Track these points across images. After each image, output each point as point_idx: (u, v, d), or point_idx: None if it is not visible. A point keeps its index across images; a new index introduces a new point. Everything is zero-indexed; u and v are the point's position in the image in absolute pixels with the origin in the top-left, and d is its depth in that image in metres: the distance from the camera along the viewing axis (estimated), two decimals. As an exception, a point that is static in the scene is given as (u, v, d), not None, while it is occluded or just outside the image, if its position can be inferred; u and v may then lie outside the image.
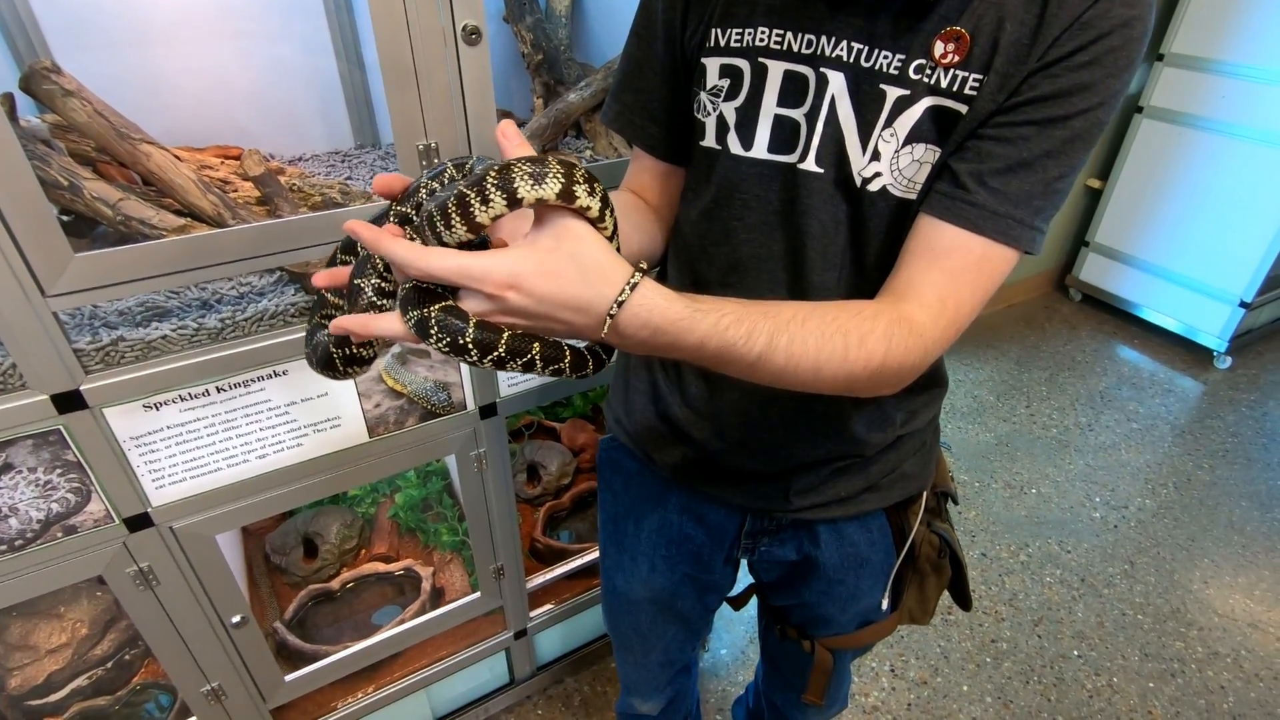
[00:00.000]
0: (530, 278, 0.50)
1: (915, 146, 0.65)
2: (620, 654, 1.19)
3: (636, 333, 0.54)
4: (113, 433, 0.92)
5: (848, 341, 0.59)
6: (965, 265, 0.63)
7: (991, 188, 0.61)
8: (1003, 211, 0.61)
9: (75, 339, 0.88)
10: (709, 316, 0.55)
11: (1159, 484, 2.47)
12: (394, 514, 1.74)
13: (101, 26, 1.21)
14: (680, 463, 0.90)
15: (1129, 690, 1.81)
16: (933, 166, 0.65)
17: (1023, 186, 0.61)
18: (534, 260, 0.51)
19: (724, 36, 0.72)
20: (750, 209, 0.74)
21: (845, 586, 0.94)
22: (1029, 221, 0.62)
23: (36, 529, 0.93)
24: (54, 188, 0.95)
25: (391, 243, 0.50)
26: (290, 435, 1.06)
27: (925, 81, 0.63)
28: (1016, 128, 0.60)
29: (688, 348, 0.56)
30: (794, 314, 0.59)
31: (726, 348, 0.56)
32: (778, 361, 0.57)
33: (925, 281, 0.63)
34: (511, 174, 0.49)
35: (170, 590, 1.07)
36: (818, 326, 0.59)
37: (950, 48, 0.61)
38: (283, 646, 1.44)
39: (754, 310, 0.57)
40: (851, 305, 0.62)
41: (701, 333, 0.55)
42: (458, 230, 0.51)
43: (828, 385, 0.61)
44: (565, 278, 0.51)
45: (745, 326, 0.56)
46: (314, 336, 0.65)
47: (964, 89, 0.61)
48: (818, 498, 0.87)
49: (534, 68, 1.43)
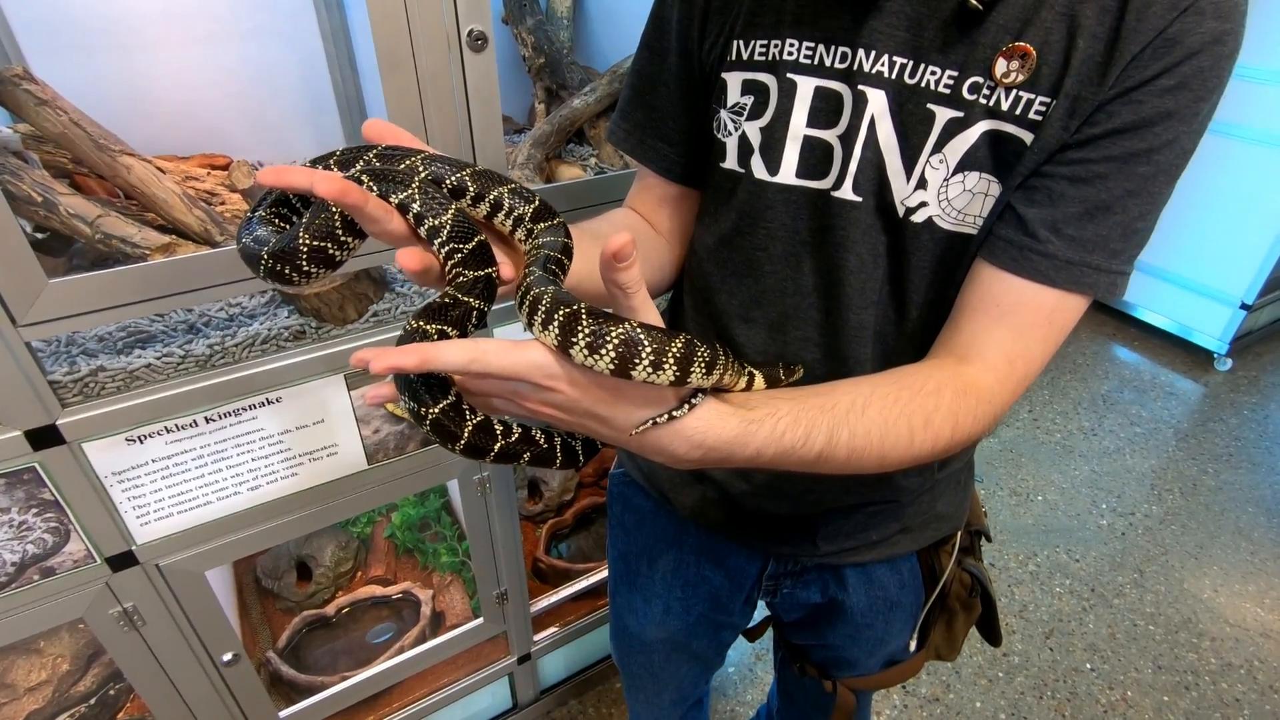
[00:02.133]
0: (586, 385, 0.47)
1: (968, 175, 0.58)
2: (631, 692, 1.13)
3: (688, 453, 0.50)
4: (93, 468, 0.86)
5: (912, 425, 0.55)
6: (1035, 321, 0.58)
7: (1067, 235, 0.55)
8: (1078, 260, 0.56)
9: (51, 369, 0.81)
10: (764, 426, 0.51)
11: (1164, 489, 2.44)
12: (391, 534, 1.67)
13: (75, 29, 1.14)
14: (698, 504, 0.84)
15: (1144, 704, 1.77)
16: (993, 202, 0.58)
17: (1100, 231, 0.55)
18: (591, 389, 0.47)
19: (747, 49, 0.64)
20: (776, 239, 0.68)
21: (874, 631, 0.88)
22: (1107, 267, 0.56)
23: (11, 572, 0.87)
24: (27, 204, 0.88)
25: (446, 350, 0.43)
26: (284, 465, 1.00)
27: (983, 103, 0.56)
28: (1093, 164, 0.54)
29: (742, 460, 0.52)
30: (851, 402, 0.54)
31: (784, 453, 0.53)
32: (839, 457, 0.54)
33: (990, 341, 0.58)
34: (693, 355, 0.44)
35: (157, 630, 1.00)
36: (879, 413, 0.54)
37: (1014, 66, 0.54)
38: (276, 678, 1.37)
39: (810, 406, 0.53)
40: (911, 379, 0.57)
41: (758, 444, 0.52)
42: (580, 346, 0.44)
43: (894, 468, 0.57)
44: (622, 391, 0.47)
45: (802, 428, 0.52)
46: (253, 229, 0.52)
47: (1028, 112, 0.54)
48: (848, 542, 0.81)
49: (535, 71, 1.37)
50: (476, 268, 0.50)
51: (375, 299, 1.01)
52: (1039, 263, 0.56)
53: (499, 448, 0.49)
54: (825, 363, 0.70)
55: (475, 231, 0.51)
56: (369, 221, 0.49)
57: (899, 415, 0.54)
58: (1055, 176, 0.55)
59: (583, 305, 0.43)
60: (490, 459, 0.49)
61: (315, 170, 0.48)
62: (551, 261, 0.50)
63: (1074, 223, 0.55)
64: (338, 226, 0.50)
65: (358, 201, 0.47)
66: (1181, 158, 0.53)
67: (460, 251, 0.50)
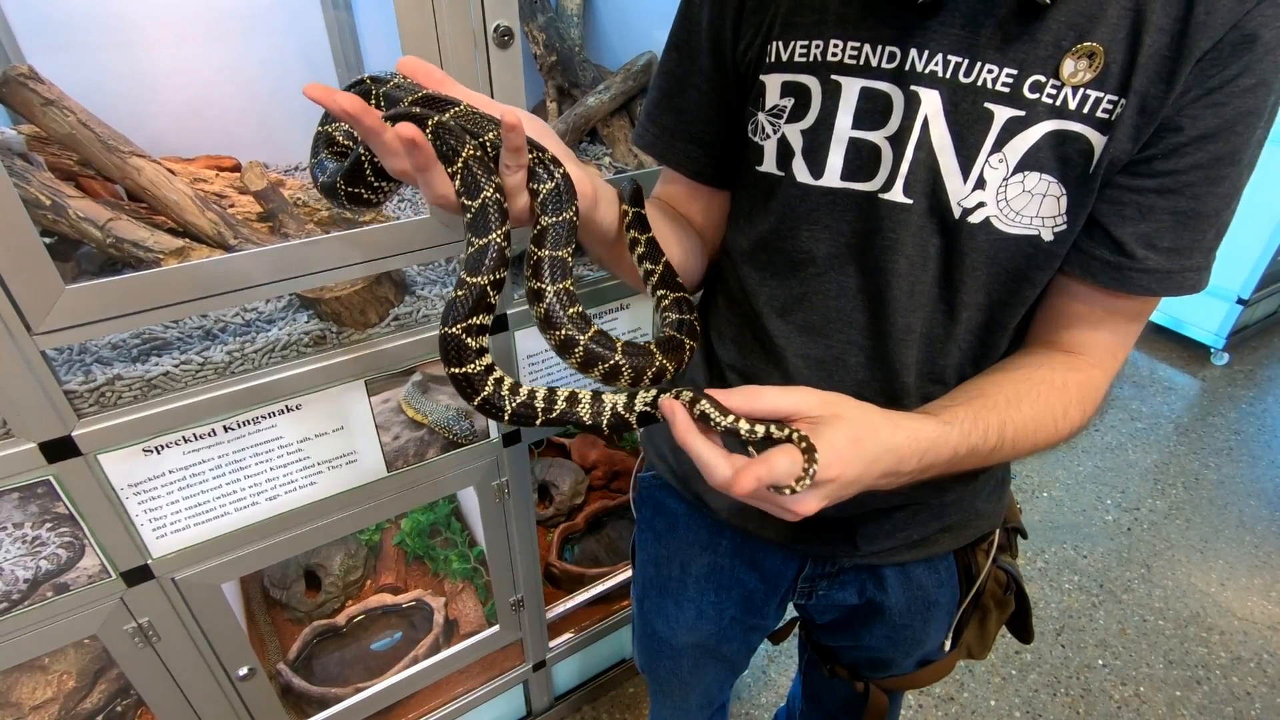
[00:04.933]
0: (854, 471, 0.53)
1: (1028, 175, 0.57)
2: (658, 697, 1.11)
3: (914, 466, 0.56)
4: (108, 481, 0.83)
5: (1054, 417, 0.61)
6: (1134, 319, 0.64)
7: (1163, 249, 0.57)
8: (1177, 268, 0.58)
9: (66, 379, 0.78)
10: (955, 427, 0.57)
11: (1168, 484, 2.46)
12: (400, 541, 1.65)
13: (77, 26, 1.10)
14: (735, 505, 0.83)
15: (1156, 700, 1.78)
16: (1053, 203, 0.58)
17: (1194, 237, 0.57)
18: (858, 463, 0.53)
19: (786, 50, 0.62)
20: (820, 241, 0.66)
21: (911, 631, 0.87)
22: (1201, 265, 0.58)
23: (24, 589, 0.84)
24: (35, 207, 0.85)
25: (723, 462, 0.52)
26: (303, 474, 0.97)
27: (1047, 101, 0.54)
28: (1181, 175, 0.54)
29: (940, 465, 0.57)
30: (1006, 399, 0.60)
31: (972, 451, 0.58)
32: (1005, 452, 0.59)
33: (1095, 341, 0.64)
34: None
35: (172, 645, 0.97)
36: (1031, 410, 0.60)
37: (1081, 65, 0.53)
38: (287, 690, 1.34)
39: (975, 405, 0.59)
40: (1045, 376, 0.62)
41: (953, 445, 0.56)
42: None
43: (1035, 454, 0.64)
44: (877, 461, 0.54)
45: (980, 425, 0.57)
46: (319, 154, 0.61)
47: (1096, 111, 0.53)
48: (888, 542, 0.79)
49: (547, 69, 1.34)
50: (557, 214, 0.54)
51: (396, 302, 0.98)
52: (1139, 279, 0.59)
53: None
54: (870, 366, 0.69)
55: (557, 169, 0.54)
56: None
57: (1045, 409, 0.60)
58: (1144, 190, 0.56)
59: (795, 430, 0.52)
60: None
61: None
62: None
63: (1168, 234, 0.56)
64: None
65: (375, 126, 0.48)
66: (1259, 148, 0.54)
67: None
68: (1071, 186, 0.57)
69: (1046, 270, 0.62)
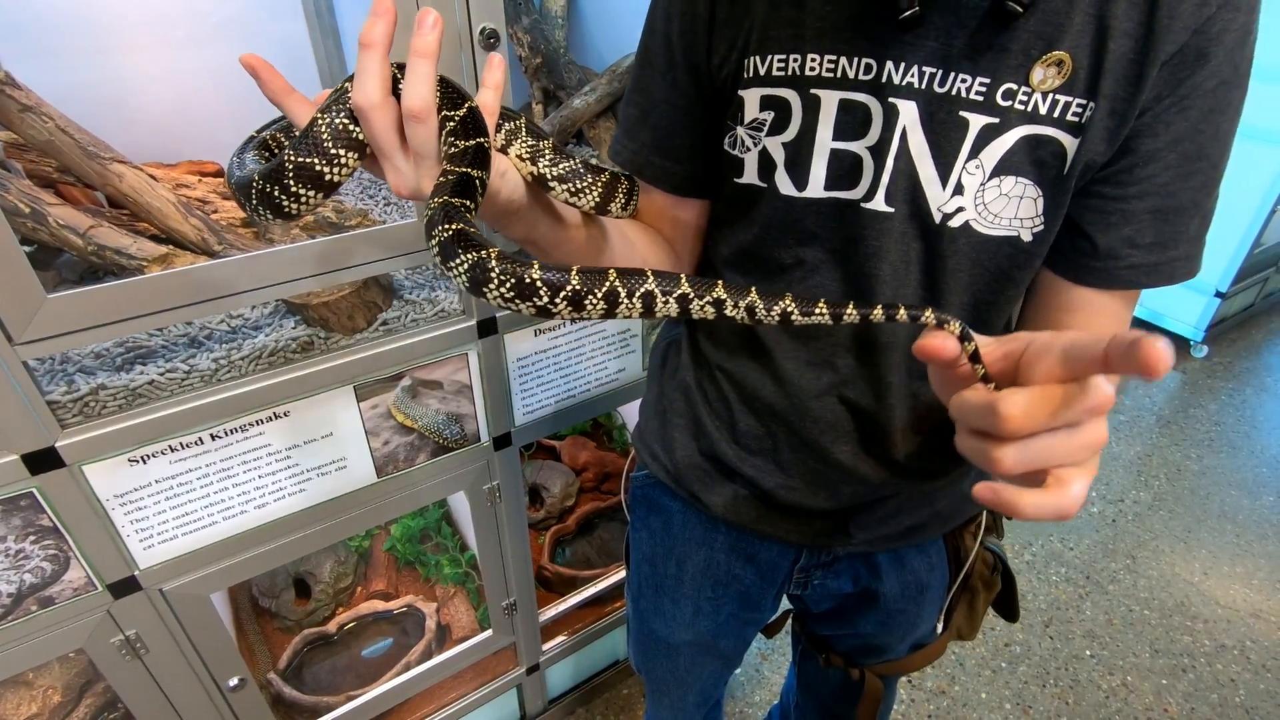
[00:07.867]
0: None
1: (1004, 179, 0.58)
2: (654, 697, 1.12)
3: None
4: (93, 492, 0.82)
5: None
6: (1127, 308, 0.65)
7: (1145, 244, 0.58)
8: (1163, 260, 0.59)
9: (49, 389, 0.77)
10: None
11: (1151, 475, 2.49)
12: (390, 547, 1.64)
13: (54, 32, 1.09)
14: (730, 502, 0.83)
15: (1144, 688, 1.80)
16: (1030, 205, 0.59)
17: (1176, 228, 0.58)
18: None
19: (764, 65, 0.62)
20: (804, 249, 0.67)
21: (905, 615, 0.89)
22: (1187, 254, 0.59)
23: (7, 604, 0.82)
24: (14, 215, 0.84)
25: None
26: (292, 481, 0.96)
27: (1019, 108, 0.56)
28: (1156, 179, 0.56)
29: None
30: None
31: None
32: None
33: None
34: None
35: (160, 657, 0.96)
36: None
37: (1050, 73, 0.55)
38: (279, 699, 1.33)
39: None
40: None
41: None
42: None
43: None
44: None
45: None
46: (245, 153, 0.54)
47: (1066, 114, 0.55)
48: (881, 529, 0.81)
49: (532, 71, 1.34)
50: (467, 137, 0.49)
51: (384, 307, 0.98)
52: (1126, 274, 0.60)
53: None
54: (857, 367, 0.70)
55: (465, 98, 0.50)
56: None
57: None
58: (1126, 198, 0.57)
59: None
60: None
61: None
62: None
63: (1149, 231, 0.57)
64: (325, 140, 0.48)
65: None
66: (1230, 138, 0.56)
67: (451, 120, 0.50)
68: (1047, 188, 0.58)
69: (1027, 269, 0.63)
